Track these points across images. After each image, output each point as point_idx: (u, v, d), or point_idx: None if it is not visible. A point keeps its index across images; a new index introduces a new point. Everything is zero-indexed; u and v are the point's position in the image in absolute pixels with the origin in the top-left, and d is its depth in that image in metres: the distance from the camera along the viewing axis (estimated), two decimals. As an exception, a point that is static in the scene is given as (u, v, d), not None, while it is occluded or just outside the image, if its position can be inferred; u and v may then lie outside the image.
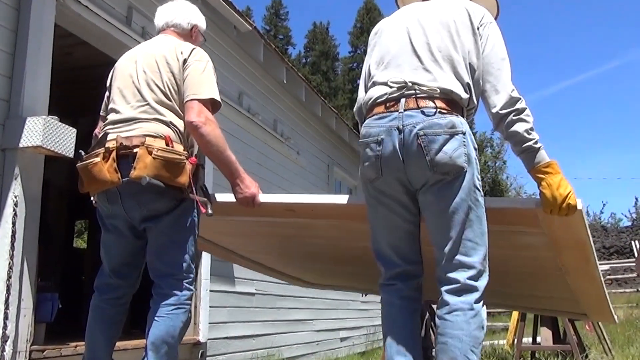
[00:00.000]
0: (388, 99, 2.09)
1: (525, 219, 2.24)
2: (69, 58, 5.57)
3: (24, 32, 3.48)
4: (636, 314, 10.74)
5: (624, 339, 6.75)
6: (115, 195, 2.41)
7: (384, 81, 2.13)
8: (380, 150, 2.05)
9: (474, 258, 2.01)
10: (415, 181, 2.06)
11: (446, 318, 1.97)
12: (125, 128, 2.45)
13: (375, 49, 2.32)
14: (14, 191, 3.26)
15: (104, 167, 2.34)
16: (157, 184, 2.31)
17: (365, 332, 10.09)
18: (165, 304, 2.38)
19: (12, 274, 3.18)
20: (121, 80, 2.59)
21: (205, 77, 2.54)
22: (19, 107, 3.37)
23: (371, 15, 35.81)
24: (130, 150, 2.35)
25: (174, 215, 2.43)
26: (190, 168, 2.42)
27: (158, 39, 2.74)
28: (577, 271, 2.84)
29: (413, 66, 2.12)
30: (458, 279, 1.99)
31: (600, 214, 28.74)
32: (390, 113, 2.06)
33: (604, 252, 22.90)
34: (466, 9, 2.22)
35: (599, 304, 3.47)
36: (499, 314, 13.73)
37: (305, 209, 2.66)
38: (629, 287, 15.66)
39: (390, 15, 2.45)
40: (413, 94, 2.05)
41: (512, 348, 6.45)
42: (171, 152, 2.37)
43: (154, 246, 2.48)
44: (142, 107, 2.48)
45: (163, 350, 2.34)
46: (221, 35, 6.09)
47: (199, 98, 2.47)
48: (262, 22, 38.83)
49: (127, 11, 4.61)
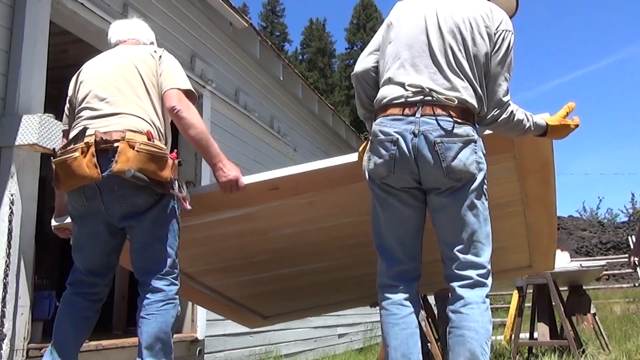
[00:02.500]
0: (405, 102, 2.13)
1: (501, 145, 2.45)
2: (64, 55, 5.55)
3: (20, 30, 3.47)
4: (633, 309, 10.77)
5: (621, 334, 6.76)
6: (93, 191, 2.37)
7: (401, 82, 2.16)
8: (395, 150, 2.10)
9: (483, 258, 2.13)
10: (427, 183, 2.15)
11: (462, 311, 2.06)
12: (104, 123, 2.42)
13: (392, 35, 2.31)
14: (10, 189, 3.25)
15: (83, 161, 2.31)
16: (142, 177, 2.30)
17: (363, 329, 10.10)
18: (153, 301, 2.37)
19: (9, 272, 3.17)
20: (92, 83, 2.58)
21: (180, 72, 2.64)
22: (15, 105, 3.36)
23: (367, 12, 35.80)
24: (110, 145, 2.33)
25: (155, 212, 2.42)
26: (171, 163, 2.42)
27: (122, 47, 2.75)
28: (537, 201, 2.94)
29: (431, 70, 2.16)
30: (470, 276, 2.10)
31: (597, 209, 28.64)
32: (407, 117, 2.11)
33: (601, 248, 22.93)
34: (486, 12, 2.24)
35: (548, 244, 3.56)
36: (496, 310, 13.76)
37: (290, 184, 2.67)
38: (626, 282, 15.71)
39: None
40: (430, 100, 2.10)
41: (510, 343, 6.46)
42: (154, 146, 2.38)
43: (138, 244, 2.46)
44: (117, 100, 2.48)
45: (157, 347, 2.34)
46: (217, 32, 6.08)
47: (178, 87, 2.55)
48: (258, 19, 38.81)
49: (123, 8, 4.60)
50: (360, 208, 2.98)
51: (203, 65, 5.64)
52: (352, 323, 9.63)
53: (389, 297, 2.22)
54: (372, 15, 35.93)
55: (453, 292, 2.12)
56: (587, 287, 6.87)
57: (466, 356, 2.01)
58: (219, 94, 5.90)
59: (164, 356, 2.36)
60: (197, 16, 5.70)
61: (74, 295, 2.51)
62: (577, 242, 23.60)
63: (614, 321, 8.59)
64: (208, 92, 5.68)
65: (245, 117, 6.57)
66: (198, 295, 3.67)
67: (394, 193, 2.19)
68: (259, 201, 2.78)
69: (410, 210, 2.22)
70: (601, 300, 12.56)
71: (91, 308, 2.52)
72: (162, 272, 2.41)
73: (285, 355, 6.98)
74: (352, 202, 2.88)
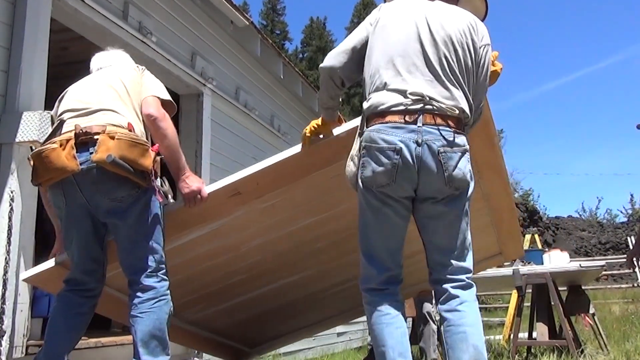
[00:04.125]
0: (406, 110, 2.11)
1: None
2: (65, 53, 5.55)
3: (20, 27, 3.47)
4: (632, 310, 10.77)
5: (620, 335, 6.76)
6: (72, 185, 2.35)
7: (400, 89, 2.14)
8: (399, 159, 2.08)
9: (469, 262, 2.24)
10: (425, 192, 2.16)
11: (459, 309, 2.12)
12: (85, 119, 2.42)
13: (379, 39, 2.27)
14: (10, 186, 3.25)
15: (62, 153, 2.30)
16: (122, 163, 2.27)
17: (362, 328, 10.10)
18: (145, 299, 2.36)
19: (8, 268, 3.17)
20: (72, 94, 2.60)
21: (160, 85, 2.67)
22: (15, 102, 3.36)
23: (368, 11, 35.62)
24: (90, 137, 2.32)
25: (139, 207, 2.41)
26: (153, 155, 2.42)
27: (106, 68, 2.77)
28: (488, 167, 2.98)
29: (428, 78, 2.16)
30: (462, 279, 2.18)
31: (596, 210, 28.68)
32: (408, 125, 2.09)
33: (600, 248, 22.95)
34: (471, 24, 2.29)
35: (510, 219, 3.57)
36: (495, 310, 13.76)
37: (250, 186, 2.66)
38: (625, 282, 15.69)
39: None
40: (431, 109, 2.11)
41: (509, 343, 6.46)
42: (134, 135, 2.38)
43: (124, 243, 2.45)
44: (99, 100, 2.49)
45: (153, 345, 2.33)
46: (218, 30, 6.08)
47: (158, 96, 2.57)
48: (258, 17, 38.73)
49: (124, 5, 4.59)
50: (320, 204, 2.99)
51: (203, 63, 5.63)
52: (351, 322, 9.63)
53: (379, 299, 2.23)
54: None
55: (445, 293, 2.17)
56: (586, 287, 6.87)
57: (470, 351, 2.07)
58: (220, 92, 5.90)
59: (161, 353, 2.36)
60: (197, 14, 5.69)
61: (68, 292, 2.51)
62: (576, 242, 23.62)
63: (613, 321, 8.59)
64: (208, 90, 5.68)
65: (245, 116, 6.56)
66: (179, 333, 3.60)
67: (389, 203, 2.19)
68: (223, 212, 2.78)
69: (401, 221, 2.24)
70: (600, 301, 12.56)
71: (85, 304, 2.52)
72: (152, 269, 2.40)
73: (284, 353, 6.97)
74: (312, 198, 2.89)
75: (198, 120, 5.55)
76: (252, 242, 3.16)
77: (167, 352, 2.39)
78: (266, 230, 3.10)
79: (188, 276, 3.17)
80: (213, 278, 3.35)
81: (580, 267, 5.49)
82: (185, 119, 5.62)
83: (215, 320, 3.83)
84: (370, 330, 2.26)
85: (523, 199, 25.43)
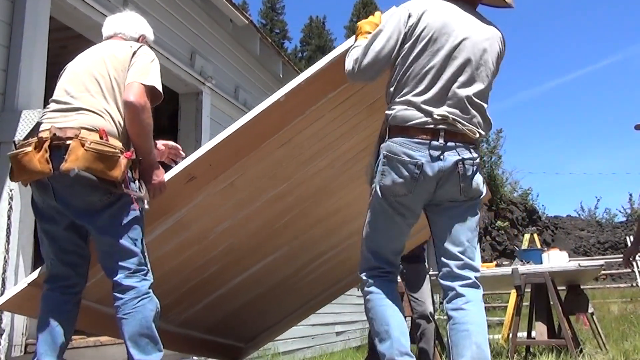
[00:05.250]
0: (432, 129, 2.24)
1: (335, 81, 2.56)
2: (64, 51, 5.53)
3: (19, 25, 3.46)
4: (630, 309, 10.78)
5: (619, 334, 6.77)
6: (46, 186, 2.36)
7: (428, 110, 2.24)
8: (419, 173, 2.23)
9: (478, 262, 2.37)
10: (440, 198, 2.33)
11: (464, 308, 2.24)
12: (62, 119, 2.41)
13: (423, 48, 2.29)
14: (9, 185, 3.24)
15: (35, 157, 2.30)
16: (87, 176, 2.27)
17: (361, 327, 10.10)
18: (128, 300, 2.35)
19: (7, 267, 3.17)
20: (65, 77, 2.59)
21: (151, 67, 2.58)
22: (14, 101, 3.35)
23: (368, 10, 35.71)
24: (63, 142, 2.31)
25: (113, 211, 2.39)
26: (125, 162, 2.37)
27: (106, 43, 2.74)
28: None
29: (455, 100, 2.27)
30: (469, 276, 2.30)
31: (595, 209, 28.64)
32: (431, 141, 2.23)
33: (599, 248, 22.97)
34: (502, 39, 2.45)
35: None
36: (494, 309, 13.77)
37: (203, 167, 2.66)
38: (623, 282, 15.69)
39: None
40: (454, 129, 2.25)
41: (507, 342, 6.47)
42: (104, 145, 2.34)
43: (101, 247, 2.44)
44: (82, 95, 2.47)
45: (143, 343, 2.33)
46: (217, 28, 6.07)
47: (142, 82, 2.49)
48: (258, 16, 38.72)
49: (123, 3, 4.59)
50: (277, 175, 3.00)
51: (203, 61, 5.63)
52: (350, 321, 9.64)
53: (381, 283, 2.38)
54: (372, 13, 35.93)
55: (452, 291, 2.29)
56: (584, 287, 6.87)
57: (473, 349, 2.16)
58: (219, 90, 5.89)
59: (153, 349, 2.36)
60: (197, 13, 5.69)
61: (50, 291, 2.50)
62: (575, 241, 23.64)
63: (612, 321, 8.60)
64: (207, 88, 5.67)
65: (244, 114, 6.54)
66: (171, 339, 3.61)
67: (402, 212, 2.33)
68: (183, 200, 2.77)
69: (408, 228, 2.43)
70: (599, 300, 12.57)
71: (69, 301, 2.50)
72: (131, 271, 2.39)
73: (283, 352, 6.98)
74: (267, 170, 2.91)
75: (197, 119, 5.55)
76: (219, 228, 3.14)
77: (159, 347, 2.39)
78: (230, 213, 3.08)
79: (161, 276, 3.11)
80: (188, 274, 3.33)
81: (579, 267, 5.49)
82: (184, 118, 5.62)
83: (202, 318, 3.82)
84: (370, 314, 2.36)
85: (522, 198, 25.41)
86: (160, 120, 4.00)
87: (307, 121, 2.78)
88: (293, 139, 2.83)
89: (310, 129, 2.84)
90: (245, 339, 4.38)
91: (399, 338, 2.26)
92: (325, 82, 2.61)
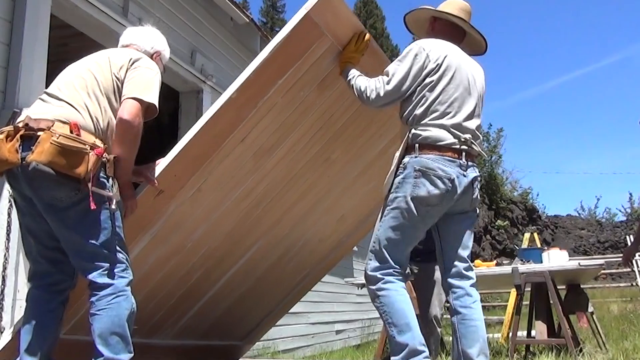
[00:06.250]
0: (459, 149, 2.65)
1: (309, 33, 2.65)
2: (64, 49, 5.54)
3: (20, 23, 3.47)
4: (630, 308, 10.79)
5: (618, 333, 6.77)
6: (15, 176, 2.30)
7: (456, 133, 2.65)
8: (451, 187, 2.59)
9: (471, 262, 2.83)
10: (454, 210, 2.71)
11: (472, 306, 2.65)
12: (40, 110, 2.37)
13: (442, 82, 2.69)
14: (9, 182, 3.24)
15: (5, 146, 2.25)
16: (46, 170, 2.20)
17: (360, 325, 10.12)
18: (102, 296, 2.27)
19: (7, 265, 3.18)
20: (63, 73, 2.55)
21: (152, 83, 2.52)
22: (15, 98, 3.36)
23: (368, 9, 35.72)
24: (34, 133, 2.26)
25: (79, 209, 2.30)
26: (94, 159, 2.28)
27: (113, 48, 2.73)
28: None
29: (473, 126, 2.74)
30: (474, 277, 2.73)
31: (595, 208, 28.62)
32: (457, 160, 2.64)
33: (599, 247, 22.96)
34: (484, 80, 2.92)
35: None
36: (494, 308, 13.78)
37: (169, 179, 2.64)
38: (623, 281, 15.70)
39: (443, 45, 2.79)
40: (470, 149, 2.68)
41: (507, 341, 6.47)
42: (72, 139, 2.26)
43: (69, 245, 2.36)
44: (66, 90, 2.43)
45: (114, 341, 2.24)
46: (218, 27, 6.07)
47: (140, 99, 2.42)
48: (258, 15, 38.66)
49: (124, 2, 4.59)
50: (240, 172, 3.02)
51: (203, 60, 5.63)
52: (350, 320, 9.65)
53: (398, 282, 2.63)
54: (373, 12, 35.86)
55: (461, 289, 2.68)
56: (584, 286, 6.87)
57: (480, 342, 2.60)
58: (219, 89, 5.88)
59: (123, 350, 2.27)
60: (197, 11, 5.69)
61: (34, 289, 2.44)
62: (575, 241, 23.64)
63: (611, 320, 8.60)
64: (208, 87, 5.67)
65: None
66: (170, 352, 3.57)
67: (427, 221, 2.67)
68: (156, 214, 2.76)
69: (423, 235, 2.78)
70: (598, 299, 12.57)
71: (54, 300, 2.44)
72: (105, 268, 2.31)
73: (282, 351, 6.99)
74: (231, 168, 2.93)
75: (198, 117, 5.50)
76: (195, 234, 3.14)
77: (130, 349, 2.30)
78: (203, 217, 3.09)
79: (148, 293, 3.12)
80: (173, 285, 3.33)
81: (579, 266, 5.49)
82: (184, 116, 5.62)
83: (196, 324, 3.82)
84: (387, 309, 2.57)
85: (522, 197, 25.41)
86: (161, 118, 4.00)
87: (261, 112, 2.81)
88: (250, 133, 2.86)
89: (266, 119, 2.87)
90: (241, 336, 4.39)
91: (418, 330, 2.53)
92: (273, 71, 2.67)
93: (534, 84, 69.01)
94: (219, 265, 3.51)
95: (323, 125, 3.21)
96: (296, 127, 3.09)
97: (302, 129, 3.12)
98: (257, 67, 2.62)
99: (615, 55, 67.35)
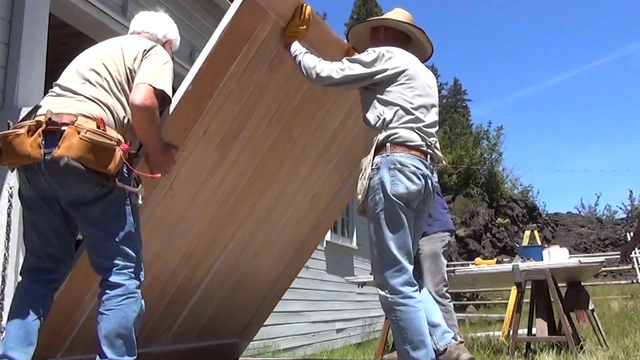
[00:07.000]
0: (426, 152, 2.76)
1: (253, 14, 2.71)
2: (63, 48, 5.53)
3: (19, 22, 3.46)
4: (631, 306, 10.79)
5: (619, 330, 6.77)
6: (35, 172, 2.26)
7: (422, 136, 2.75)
8: (422, 183, 2.69)
9: None
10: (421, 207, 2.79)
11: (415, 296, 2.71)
12: (60, 104, 2.33)
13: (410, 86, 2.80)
14: (9, 182, 3.24)
15: (27, 140, 2.20)
16: (77, 166, 2.17)
17: (361, 324, 10.12)
18: (112, 296, 2.25)
19: (7, 265, 3.17)
20: (74, 64, 2.52)
21: (163, 70, 2.49)
22: (14, 98, 3.35)
23: (367, 7, 35.70)
24: (58, 127, 2.22)
25: (103, 205, 2.30)
26: (121, 154, 2.27)
27: (124, 36, 2.70)
28: None
29: (435, 132, 2.86)
30: None
31: (595, 206, 28.65)
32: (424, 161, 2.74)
33: (599, 244, 22.99)
34: None
35: None
36: (494, 306, 13.78)
37: None
38: (624, 278, 15.71)
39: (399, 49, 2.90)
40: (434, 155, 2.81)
41: (508, 339, 6.47)
42: (101, 135, 2.24)
43: (90, 240, 2.36)
44: (83, 84, 2.39)
45: (118, 344, 2.22)
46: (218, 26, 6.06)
47: (152, 84, 2.39)
48: (258, 13, 38.63)
49: (123, 1, 4.59)
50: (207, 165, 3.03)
51: (203, 59, 5.62)
52: (350, 318, 9.65)
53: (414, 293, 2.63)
54: (372, 11, 35.82)
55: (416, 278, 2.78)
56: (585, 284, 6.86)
57: None
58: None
59: (127, 353, 2.25)
60: (197, 10, 5.68)
61: (30, 283, 2.40)
62: (575, 238, 23.68)
63: (612, 317, 8.60)
64: (208, 86, 5.65)
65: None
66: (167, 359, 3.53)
67: (409, 214, 2.70)
68: None
69: None
70: (599, 297, 12.56)
71: (48, 295, 2.42)
72: (119, 267, 2.30)
73: (283, 349, 6.99)
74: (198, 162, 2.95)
75: (197, 117, 5.54)
76: (173, 235, 3.14)
77: (133, 353, 2.28)
78: (178, 217, 3.08)
79: None
80: (160, 290, 3.32)
81: (580, 263, 5.47)
82: (184, 115, 5.60)
83: (191, 325, 3.81)
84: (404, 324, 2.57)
85: (522, 195, 25.42)
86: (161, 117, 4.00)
87: (219, 101, 2.82)
88: (211, 124, 2.87)
89: (224, 107, 2.88)
90: (237, 333, 4.38)
91: (431, 347, 2.58)
92: (224, 57, 2.70)
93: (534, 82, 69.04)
94: (203, 262, 3.51)
95: (280, 105, 3.23)
96: (255, 111, 3.11)
97: (260, 112, 3.14)
98: (208, 55, 2.63)
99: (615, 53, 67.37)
